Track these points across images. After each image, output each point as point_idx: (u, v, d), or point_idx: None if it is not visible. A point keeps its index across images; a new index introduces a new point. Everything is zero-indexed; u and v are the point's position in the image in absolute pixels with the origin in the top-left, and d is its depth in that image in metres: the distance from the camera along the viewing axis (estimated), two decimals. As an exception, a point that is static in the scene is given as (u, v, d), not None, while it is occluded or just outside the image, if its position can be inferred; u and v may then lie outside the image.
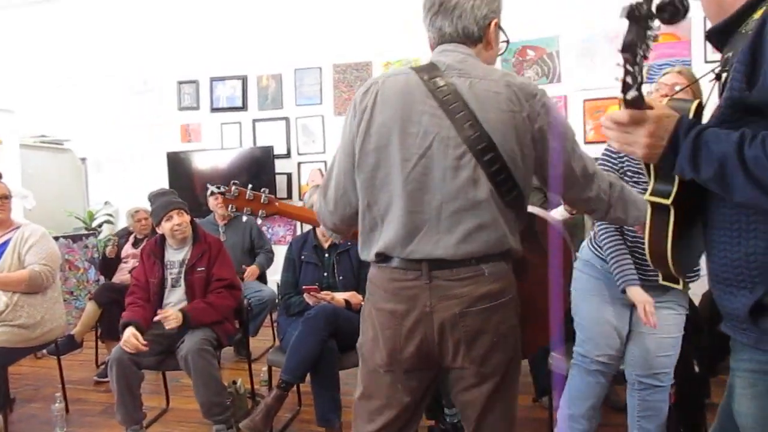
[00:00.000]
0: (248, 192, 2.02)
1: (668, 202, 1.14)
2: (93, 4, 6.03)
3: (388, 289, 1.50)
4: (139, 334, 2.80)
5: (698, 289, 2.66)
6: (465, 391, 1.52)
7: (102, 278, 4.88)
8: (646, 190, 1.21)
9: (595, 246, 2.34)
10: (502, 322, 1.47)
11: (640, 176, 2.15)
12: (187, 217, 3.13)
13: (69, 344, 4.10)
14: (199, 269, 3.06)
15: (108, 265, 4.41)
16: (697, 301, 2.77)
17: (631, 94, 1.03)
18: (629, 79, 1.02)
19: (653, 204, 1.18)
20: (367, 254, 1.55)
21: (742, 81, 1.01)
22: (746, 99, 1.01)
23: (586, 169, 1.51)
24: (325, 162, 5.51)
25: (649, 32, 1.02)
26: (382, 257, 1.50)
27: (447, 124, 1.42)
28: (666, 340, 2.26)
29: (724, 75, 1.13)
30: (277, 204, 2.08)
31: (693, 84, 2.04)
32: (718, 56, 1.22)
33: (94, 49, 6.02)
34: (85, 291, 5.33)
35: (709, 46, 4.26)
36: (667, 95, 2.05)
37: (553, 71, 4.86)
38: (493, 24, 1.54)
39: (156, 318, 2.87)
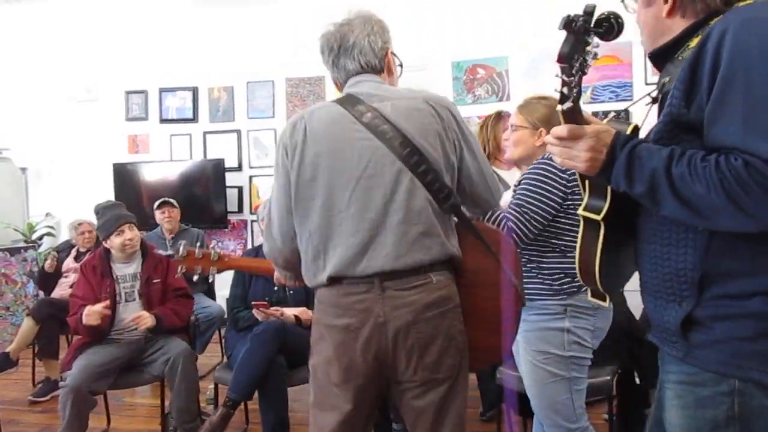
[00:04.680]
0: (197, 250, 2.13)
1: (599, 218, 1.18)
2: (35, 8, 5.84)
3: (340, 305, 1.55)
4: (95, 307, 2.81)
5: (639, 302, 2.74)
6: (417, 398, 1.58)
7: (41, 293, 4.69)
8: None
9: None
10: (452, 327, 1.57)
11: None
12: (137, 231, 3.09)
13: (3, 362, 3.91)
14: (155, 280, 3.06)
15: (46, 279, 4.24)
16: (637, 314, 2.86)
17: (567, 105, 1.06)
18: (565, 90, 1.06)
19: (585, 219, 1.22)
20: (313, 281, 1.61)
21: (682, 99, 1.05)
22: (684, 117, 1.05)
23: (492, 179, 1.67)
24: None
25: (588, 48, 1.05)
26: (334, 280, 1.56)
27: (379, 144, 1.54)
28: (525, 379, 2.05)
29: (660, 97, 1.18)
30: (227, 260, 2.20)
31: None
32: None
33: (35, 54, 5.82)
34: (22, 306, 5.10)
35: (650, 68, 4.45)
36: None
37: (502, 89, 4.98)
38: (389, 53, 1.70)
39: (129, 319, 2.89)
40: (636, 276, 1.34)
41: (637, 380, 2.82)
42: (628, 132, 1.15)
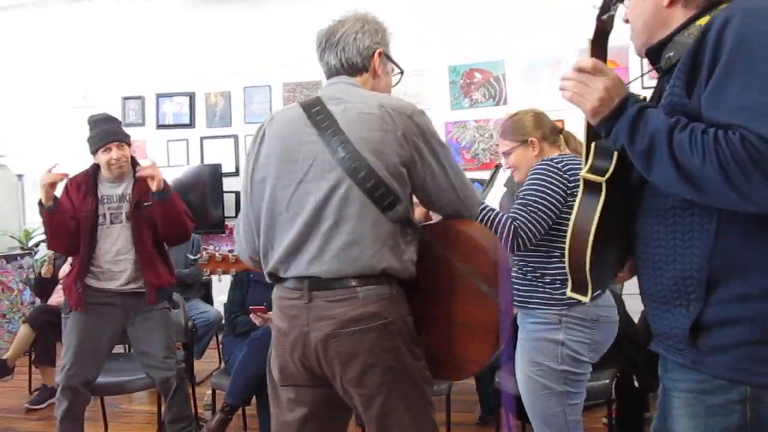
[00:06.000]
0: (217, 254, 2.32)
1: (602, 179, 1.14)
2: (32, 15, 5.84)
3: (279, 307, 1.61)
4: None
5: (637, 305, 2.74)
6: (363, 413, 1.57)
7: (37, 300, 4.67)
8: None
9: None
10: (376, 345, 1.50)
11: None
12: (127, 151, 2.89)
13: (0, 370, 3.89)
14: (146, 204, 2.83)
15: (43, 286, 4.23)
16: (636, 318, 2.86)
17: (609, 14, 1.06)
18: None
19: (586, 183, 1.17)
20: (265, 277, 1.66)
21: (683, 89, 1.05)
22: (685, 107, 1.05)
23: (463, 190, 1.59)
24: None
25: None
26: (274, 278, 1.61)
27: (323, 148, 1.52)
28: (520, 387, 2.03)
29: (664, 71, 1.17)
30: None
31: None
32: (654, 83, 1.26)
33: (32, 61, 5.80)
34: (19, 314, 5.08)
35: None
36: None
37: (499, 94, 4.98)
38: (376, 54, 1.64)
39: (140, 172, 2.75)
40: (635, 278, 1.33)
41: (636, 384, 2.82)
42: None
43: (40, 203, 2.68)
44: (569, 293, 1.28)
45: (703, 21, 1.09)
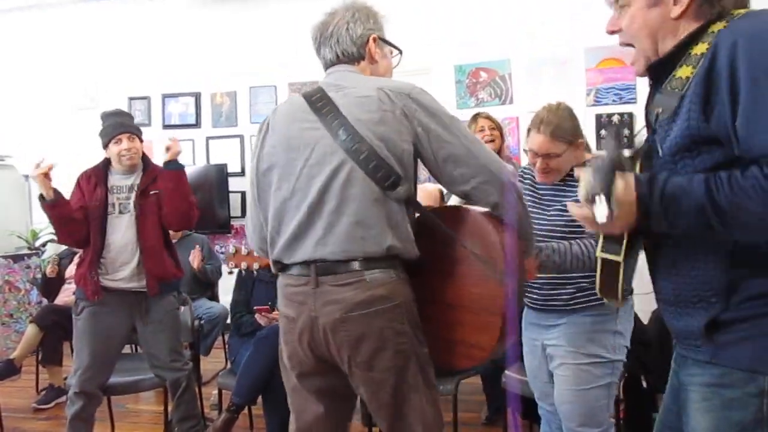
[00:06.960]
0: (243, 248, 2.42)
1: (619, 259, 1.18)
2: (38, 17, 5.87)
3: (285, 294, 1.61)
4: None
5: (647, 306, 2.73)
6: (370, 398, 1.57)
7: (44, 300, 4.69)
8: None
9: None
10: (386, 327, 1.50)
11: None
12: (138, 144, 2.93)
13: (7, 369, 3.90)
14: (152, 192, 2.87)
15: (49, 285, 4.24)
16: (645, 319, 2.84)
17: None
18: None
19: (604, 260, 1.21)
20: (272, 267, 1.66)
21: (700, 113, 1.04)
22: (704, 131, 1.05)
23: (482, 153, 1.53)
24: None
25: None
26: (279, 265, 1.62)
27: (324, 133, 1.54)
28: (564, 384, 1.99)
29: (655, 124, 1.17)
30: None
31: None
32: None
33: (38, 62, 5.83)
34: (26, 313, 5.10)
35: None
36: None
37: (505, 93, 4.97)
38: (371, 40, 1.65)
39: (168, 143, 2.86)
40: (641, 277, 1.33)
41: (644, 384, 2.81)
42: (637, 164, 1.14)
43: (41, 197, 2.70)
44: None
45: (698, 50, 1.08)
